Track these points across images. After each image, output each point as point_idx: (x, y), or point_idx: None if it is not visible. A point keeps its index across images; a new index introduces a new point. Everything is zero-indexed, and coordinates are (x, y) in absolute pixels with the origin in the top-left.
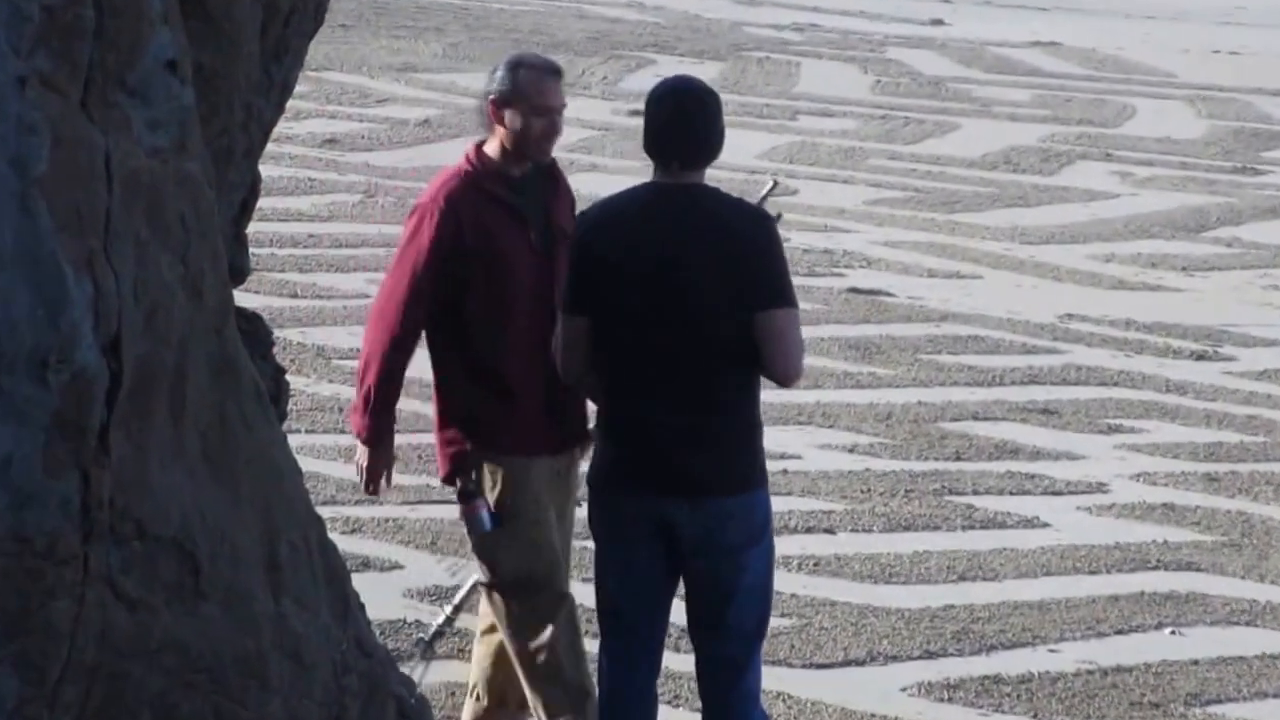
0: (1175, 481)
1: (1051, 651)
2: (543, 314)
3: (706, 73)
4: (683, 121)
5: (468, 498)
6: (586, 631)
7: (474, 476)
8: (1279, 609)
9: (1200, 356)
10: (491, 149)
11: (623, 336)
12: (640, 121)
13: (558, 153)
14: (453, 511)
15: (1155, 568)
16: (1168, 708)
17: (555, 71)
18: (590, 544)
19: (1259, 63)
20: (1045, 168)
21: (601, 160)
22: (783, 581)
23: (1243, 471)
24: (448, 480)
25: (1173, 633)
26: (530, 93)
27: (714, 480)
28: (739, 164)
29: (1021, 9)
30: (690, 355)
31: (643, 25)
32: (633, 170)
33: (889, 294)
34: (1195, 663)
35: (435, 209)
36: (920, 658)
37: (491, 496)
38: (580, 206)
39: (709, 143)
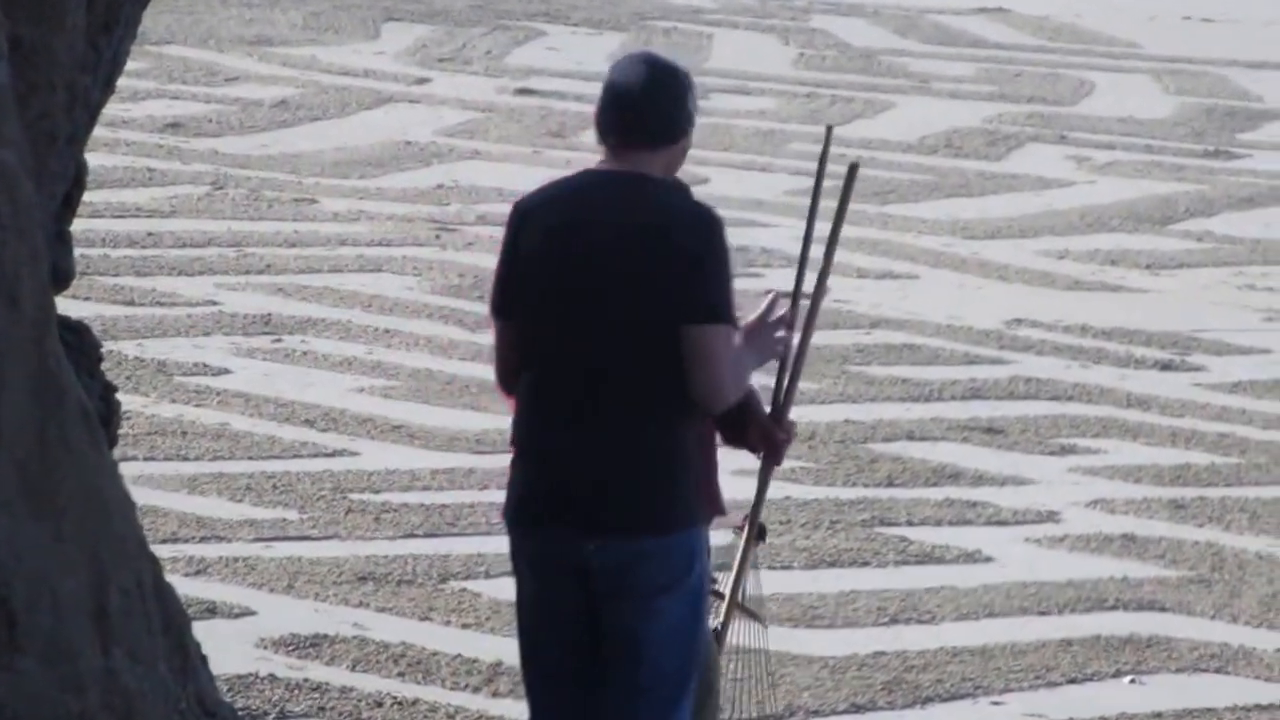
0: (1137, 509)
1: (995, 704)
2: None
3: (606, 45)
4: (623, 93)
5: None
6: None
7: None
8: (1252, 654)
9: (1166, 366)
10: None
11: (537, 346)
12: (530, 100)
13: (432, 136)
14: (313, 549)
15: (1114, 607)
16: None
17: None
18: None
19: (1234, 31)
20: (991, 152)
21: (485, 145)
22: None
23: (1213, 498)
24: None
25: (1132, 681)
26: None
27: (627, 518)
28: None
29: None
30: (608, 372)
31: None
32: (519, 157)
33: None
34: (1158, 715)
35: None
36: (847, 711)
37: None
38: (454, 200)
39: (650, 120)
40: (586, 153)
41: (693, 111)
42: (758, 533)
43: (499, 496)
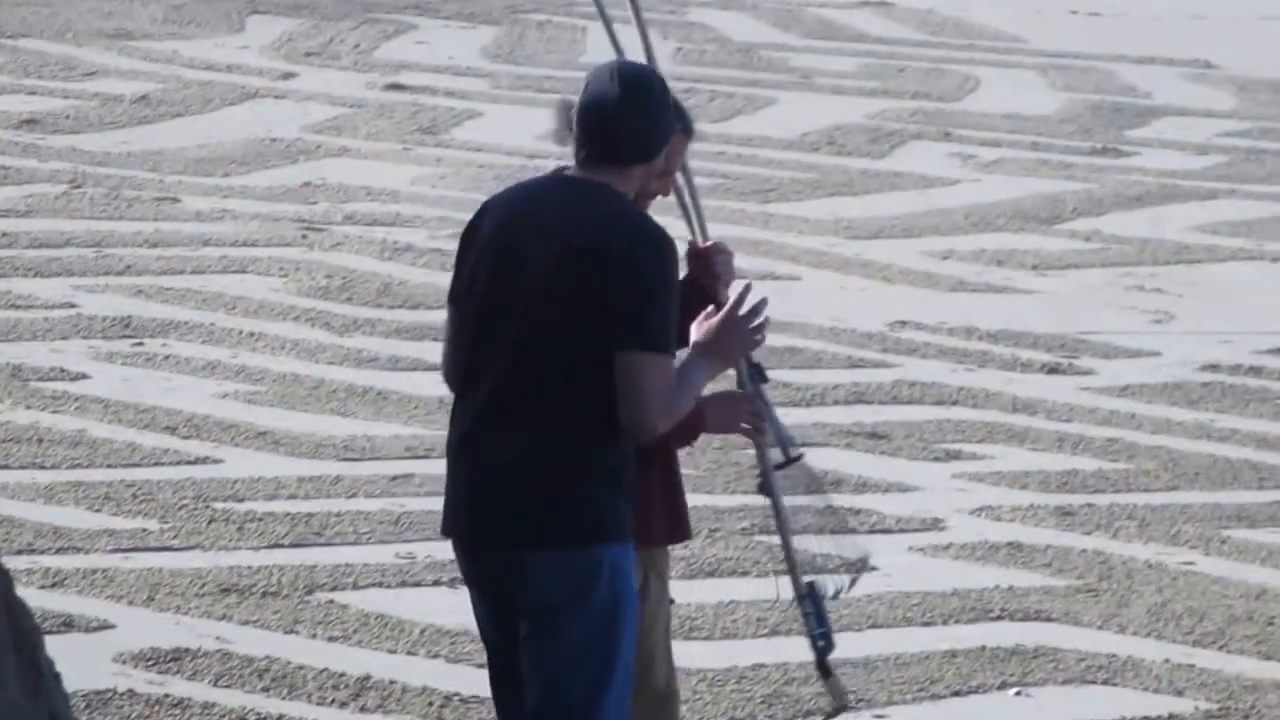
0: (1023, 517)
1: (878, 717)
2: None
3: (479, 39)
4: (593, 109)
5: None
6: None
7: None
8: (1141, 665)
9: (1053, 370)
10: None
11: (468, 345)
12: (400, 96)
13: (299, 132)
14: (174, 560)
15: (999, 618)
16: None
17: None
18: None
19: (1122, 25)
20: (874, 149)
21: (353, 142)
22: None
23: (1101, 504)
24: None
25: (1018, 693)
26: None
27: (515, 527)
28: (516, 146)
29: None
30: (524, 381)
31: None
32: (389, 154)
33: None
34: None
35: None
36: None
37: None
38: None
39: (617, 139)
40: (458, 149)
41: (669, 125)
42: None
43: (367, 505)
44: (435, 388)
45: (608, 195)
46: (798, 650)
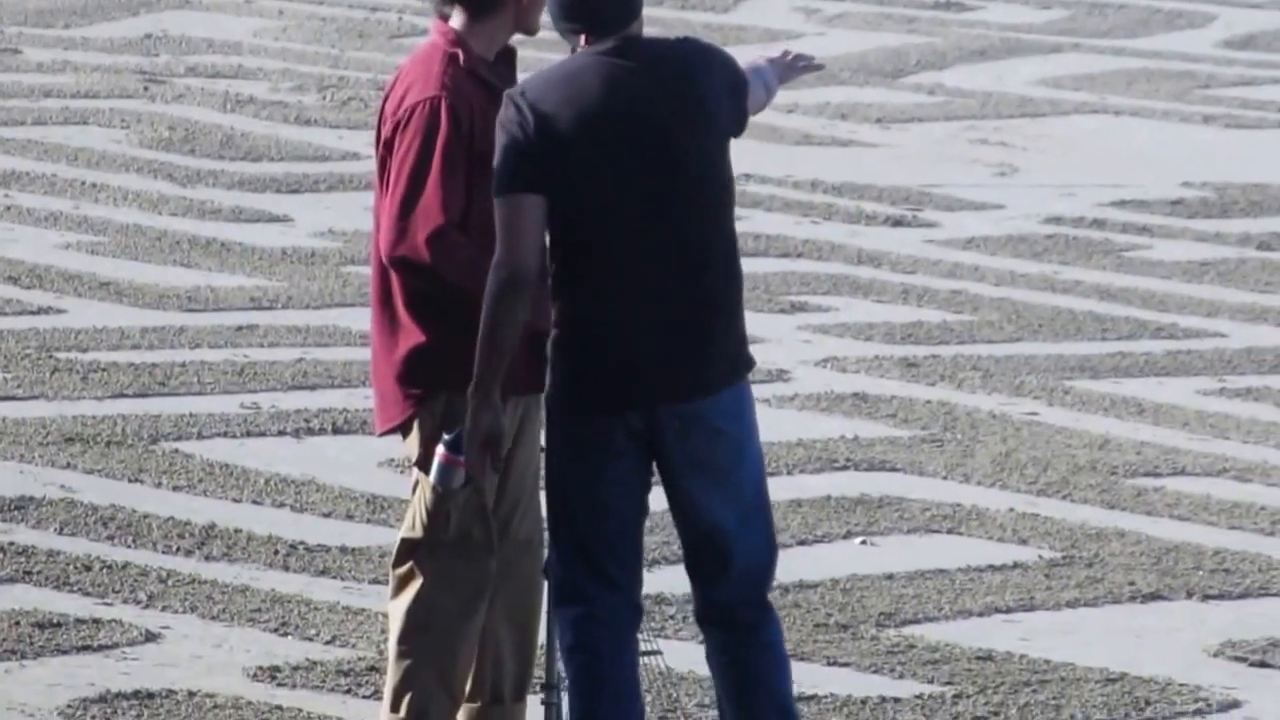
0: (868, 368)
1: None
2: None
3: None
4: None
5: (459, 448)
6: None
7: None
8: (986, 514)
9: (897, 222)
10: (473, 28)
11: (604, 223)
12: None
13: None
14: (17, 410)
15: (844, 468)
16: (857, 629)
17: None
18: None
19: None
20: (718, 3)
21: None
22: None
23: (945, 356)
24: (429, 432)
25: (863, 542)
26: None
27: (729, 368)
28: None
29: None
30: (692, 230)
31: None
32: (230, 6)
33: None
34: (889, 577)
35: (444, 100)
36: None
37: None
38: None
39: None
40: (300, 2)
41: None
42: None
43: (211, 355)
44: (278, 239)
45: (645, 41)
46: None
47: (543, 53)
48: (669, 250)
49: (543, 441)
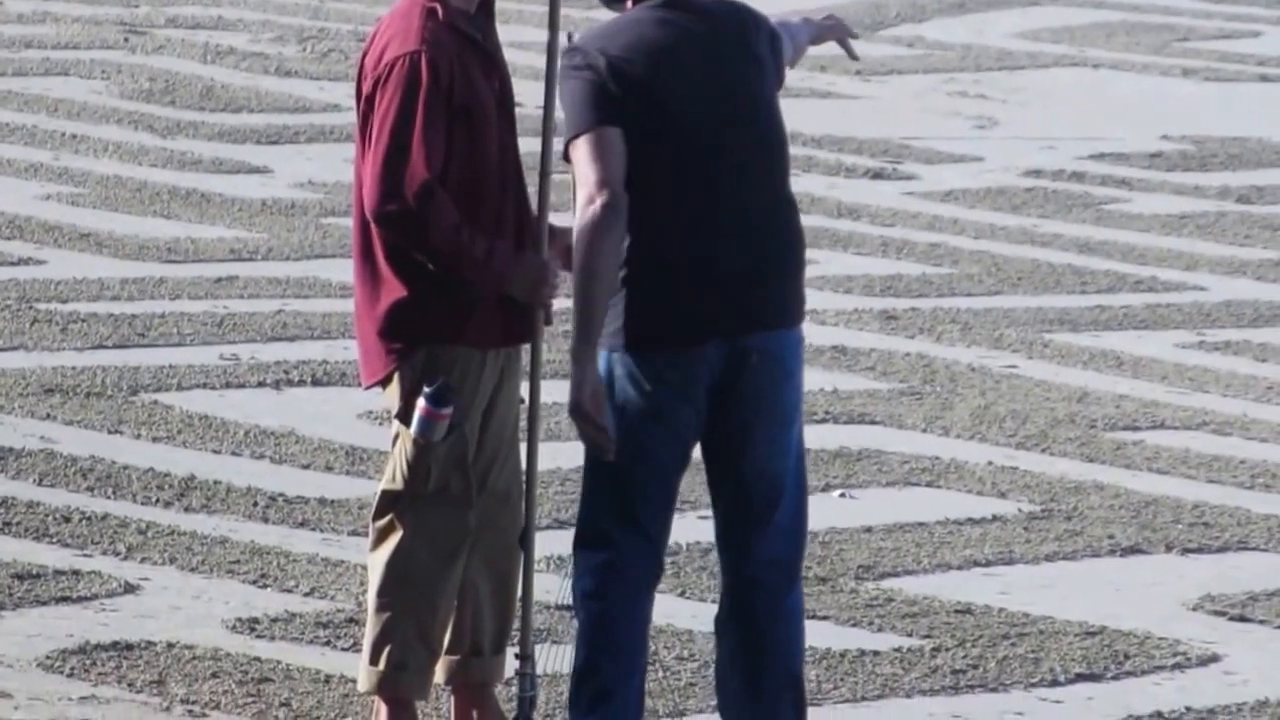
0: (847, 320)
1: (702, 519)
2: (507, 181)
3: None
4: None
5: (440, 401)
6: None
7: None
8: (965, 467)
9: (877, 175)
10: None
11: (682, 155)
12: None
13: None
14: None
15: (823, 420)
16: (836, 582)
17: None
18: None
19: None
20: None
21: None
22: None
23: (924, 308)
24: (410, 385)
25: (842, 495)
26: None
27: (799, 307)
28: None
29: None
30: (762, 166)
31: None
32: None
33: None
34: (868, 530)
35: (424, 54)
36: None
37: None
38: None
39: None
40: None
41: None
42: None
43: (191, 307)
44: (258, 190)
45: (698, 2)
46: None
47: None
48: (746, 182)
49: (523, 394)
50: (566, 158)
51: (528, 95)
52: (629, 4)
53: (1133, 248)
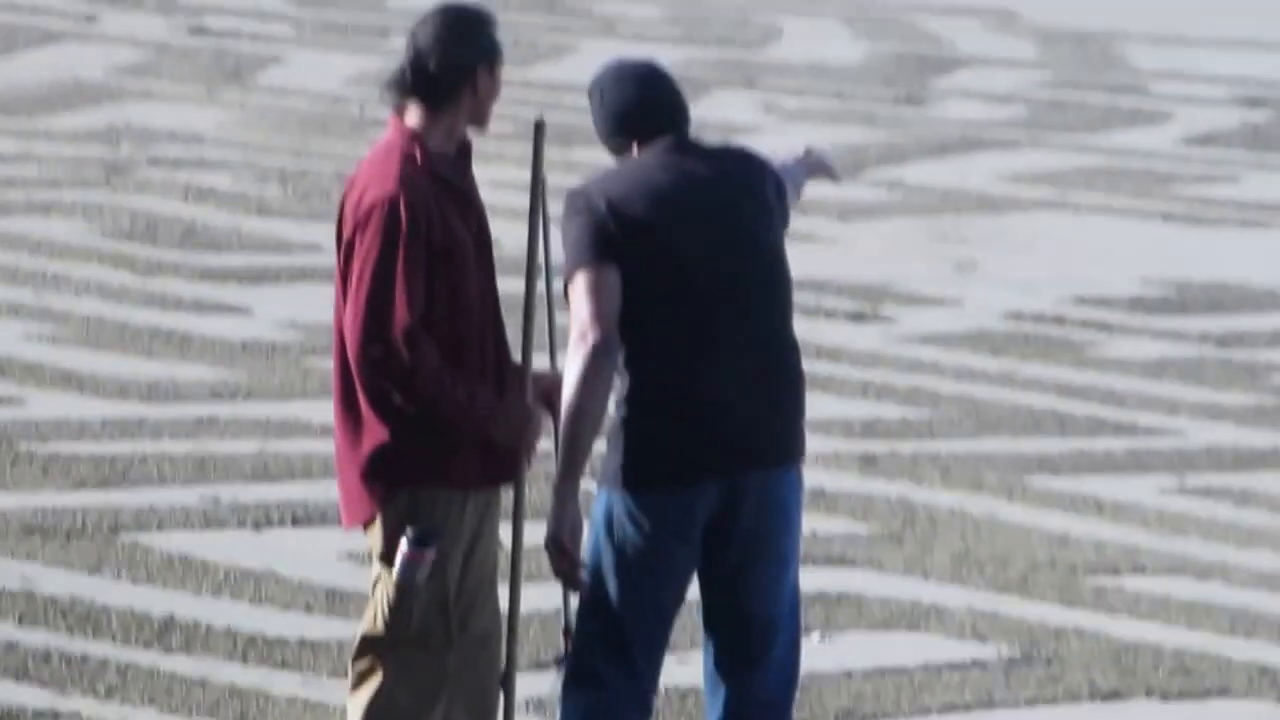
0: (827, 463)
1: (680, 665)
2: (486, 323)
3: None
4: (669, 91)
5: (422, 543)
6: None
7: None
8: (945, 611)
9: (857, 317)
10: (430, 123)
11: (684, 296)
12: (204, 40)
13: (103, 75)
14: None
15: (802, 563)
16: None
17: None
18: None
19: None
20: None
21: (157, 85)
22: None
23: (904, 451)
24: (393, 527)
25: (822, 639)
26: (501, 50)
27: (799, 444)
28: (321, 90)
29: None
30: (764, 309)
31: None
32: (193, 97)
33: None
34: (848, 674)
35: (403, 198)
36: None
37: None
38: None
39: (682, 105)
40: (262, 93)
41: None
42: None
43: (172, 447)
44: (240, 330)
45: (703, 143)
46: None
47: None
48: (747, 323)
49: (503, 540)
50: (566, 296)
51: (508, 235)
52: (635, 150)
53: (1113, 391)
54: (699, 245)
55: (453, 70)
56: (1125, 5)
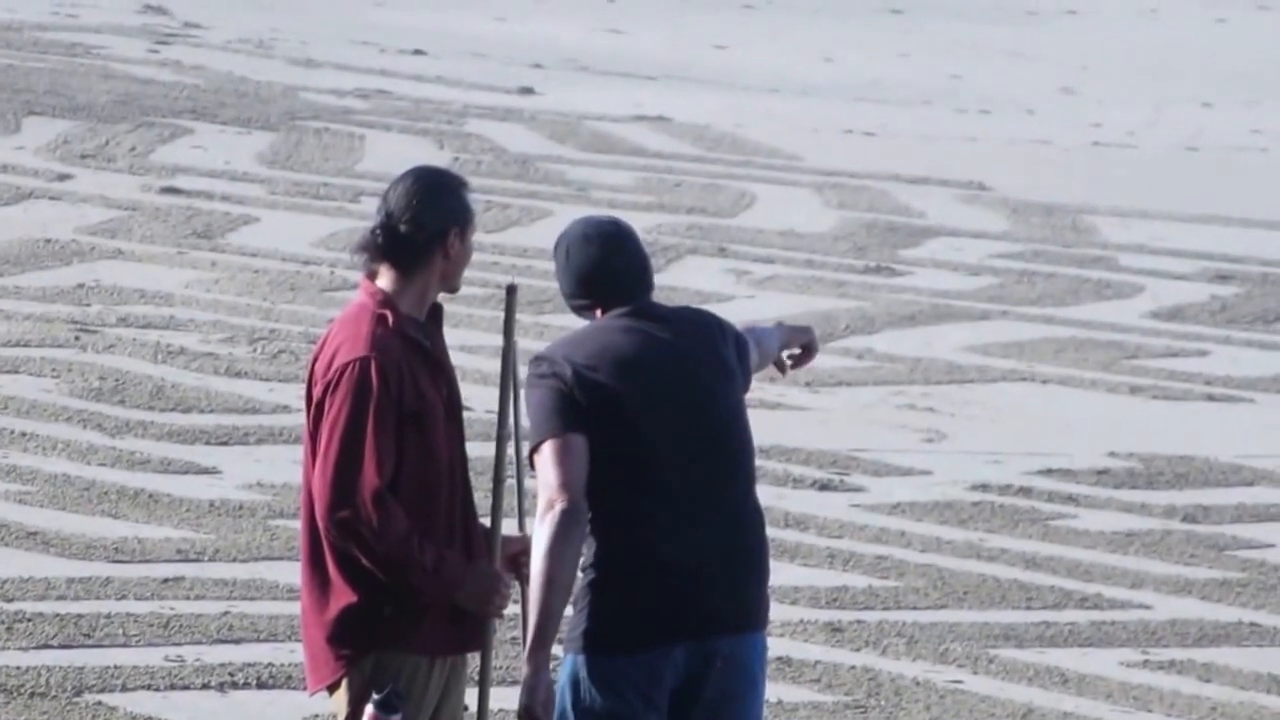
0: (792, 632)
1: None
2: (455, 486)
3: (254, 144)
4: (634, 254)
5: (388, 708)
6: None
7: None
8: None
9: (824, 486)
10: (402, 286)
11: (650, 460)
12: (175, 199)
13: (73, 234)
14: None
15: None
16: None
17: None
18: None
19: (897, 146)
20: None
21: (128, 245)
22: None
23: (870, 621)
24: (359, 691)
25: None
26: (473, 214)
27: (765, 609)
28: (292, 252)
29: (625, 77)
30: (727, 473)
31: (179, 87)
32: (164, 257)
33: None
34: None
35: (374, 361)
36: None
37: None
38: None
39: (648, 268)
40: (233, 254)
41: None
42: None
43: (137, 607)
44: (207, 491)
45: (656, 307)
46: None
47: None
48: (714, 488)
49: (470, 704)
50: (532, 464)
51: (477, 399)
52: (598, 313)
53: (1079, 564)
54: (664, 411)
55: (425, 233)
56: (1095, 179)
